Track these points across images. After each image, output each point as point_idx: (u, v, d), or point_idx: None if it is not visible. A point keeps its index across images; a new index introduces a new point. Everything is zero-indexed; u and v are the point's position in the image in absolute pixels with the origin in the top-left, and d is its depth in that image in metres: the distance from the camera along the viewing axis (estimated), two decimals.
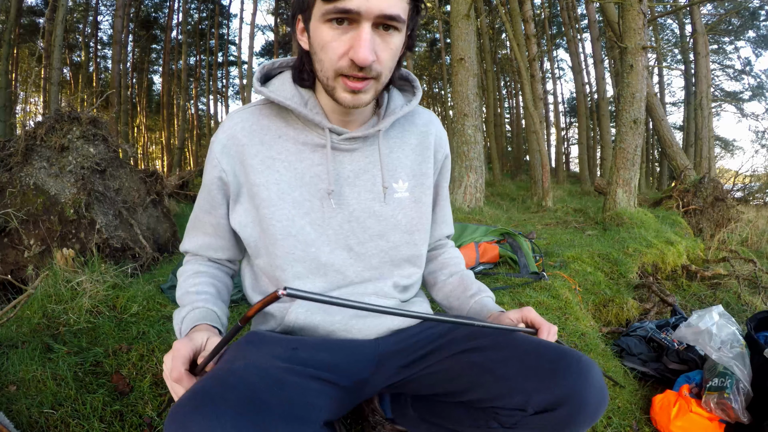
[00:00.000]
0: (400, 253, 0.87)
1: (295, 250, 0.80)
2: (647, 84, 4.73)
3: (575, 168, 18.90)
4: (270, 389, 0.59)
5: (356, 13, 0.64)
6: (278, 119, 0.82)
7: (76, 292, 1.68)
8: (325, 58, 0.69)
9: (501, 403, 0.74)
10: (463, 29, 5.27)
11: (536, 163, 7.86)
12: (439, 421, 0.88)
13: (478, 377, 0.76)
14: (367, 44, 0.65)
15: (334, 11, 0.65)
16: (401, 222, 0.86)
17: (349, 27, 0.66)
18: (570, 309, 1.97)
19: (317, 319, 0.82)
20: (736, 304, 2.75)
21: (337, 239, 0.83)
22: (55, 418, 1.06)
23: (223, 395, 0.55)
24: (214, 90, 20.65)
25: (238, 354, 0.70)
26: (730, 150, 18.68)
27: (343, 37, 0.67)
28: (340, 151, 0.82)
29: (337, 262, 0.83)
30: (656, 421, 1.47)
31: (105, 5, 16.36)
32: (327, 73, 0.71)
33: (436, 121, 0.94)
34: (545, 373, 0.70)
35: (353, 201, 0.83)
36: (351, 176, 0.83)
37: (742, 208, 5.64)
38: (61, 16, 7.71)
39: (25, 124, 8.75)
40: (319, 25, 0.68)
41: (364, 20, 0.65)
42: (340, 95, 0.72)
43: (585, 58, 14.65)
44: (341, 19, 0.66)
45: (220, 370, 0.62)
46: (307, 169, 0.81)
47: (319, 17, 0.67)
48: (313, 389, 0.67)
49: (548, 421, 0.69)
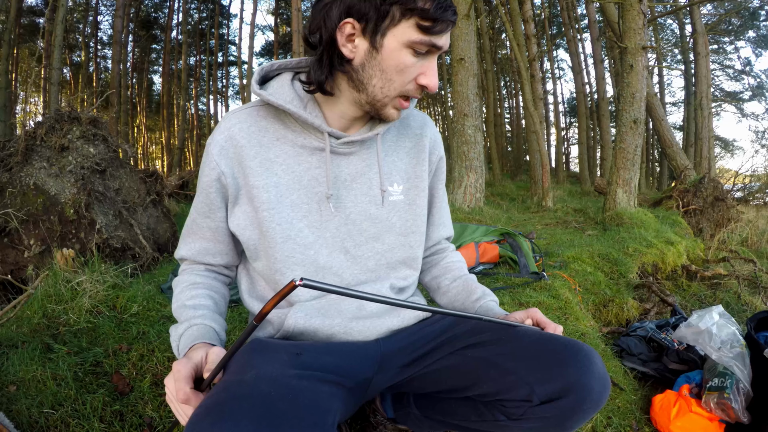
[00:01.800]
0: (395, 255, 0.88)
1: (294, 253, 0.80)
2: (647, 84, 4.74)
3: (575, 168, 18.90)
4: (284, 398, 0.58)
5: (438, 49, 0.72)
6: (276, 121, 0.82)
7: (76, 292, 1.68)
8: (398, 80, 0.73)
9: (507, 396, 0.75)
10: (463, 29, 5.27)
11: (536, 163, 7.87)
12: (444, 417, 0.88)
13: (483, 372, 0.77)
14: (436, 74, 0.74)
15: (428, 44, 0.70)
16: (396, 225, 0.87)
17: (423, 57, 0.73)
18: (570, 309, 1.97)
19: (316, 323, 0.81)
20: (736, 304, 2.75)
21: (334, 242, 0.83)
22: (55, 418, 1.06)
23: (239, 408, 0.54)
24: (214, 90, 20.66)
25: (245, 364, 0.69)
26: (730, 150, 18.69)
27: (418, 64, 0.73)
28: (338, 155, 0.83)
29: (335, 265, 0.83)
30: (656, 421, 1.47)
31: (105, 5, 16.38)
32: (391, 92, 0.74)
33: (430, 123, 0.95)
34: (549, 363, 0.72)
35: (350, 204, 0.84)
36: (348, 180, 0.84)
37: (742, 208, 5.64)
38: (61, 16, 7.71)
39: (25, 124, 8.76)
40: (402, 49, 0.70)
41: (437, 53, 0.73)
42: (388, 111, 0.77)
43: (585, 58, 14.66)
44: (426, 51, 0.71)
45: (230, 383, 0.61)
46: (305, 172, 0.81)
47: (404, 42, 0.70)
48: (325, 392, 0.67)
49: (554, 410, 0.70)
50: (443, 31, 0.70)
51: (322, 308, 0.84)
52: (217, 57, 20.39)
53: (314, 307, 0.83)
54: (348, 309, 0.85)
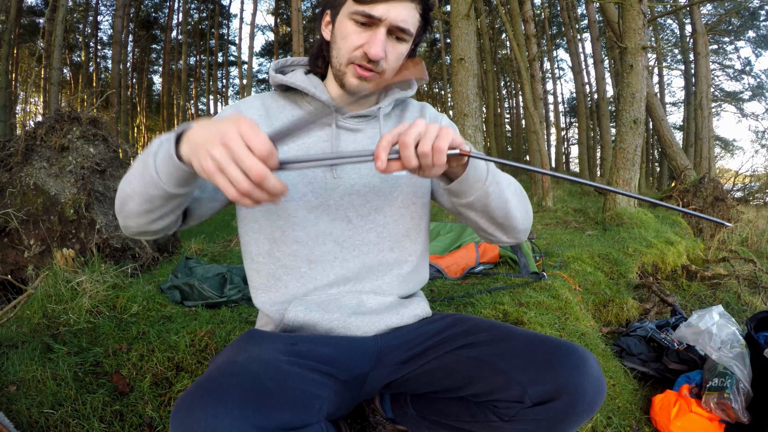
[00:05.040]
0: (397, 227, 0.90)
1: (297, 213, 0.83)
2: (647, 84, 4.74)
3: (575, 168, 18.92)
4: (272, 379, 0.60)
5: (377, 19, 0.77)
6: (290, 102, 0.92)
7: (76, 292, 1.67)
8: (344, 46, 0.80)
9: (499, 397, 0.75)
10: (463, 29, 5.26)
11: (536, 163, 7.87)
12: (438, 418, 0.89)
13: (476, 372, 0.78)
14: (380, 43, 0.78)
15: (362, 14, 0.77)
16: (398, 198, 0.90)
17: (369, 28, 0.79)
18: (570, 309, 1.97)
19: (315, 317, 0.83)
20: (736, 304, 2.75)
21: (337, 210, 0.86)
22: (55, 418, 1.06)
23: (227, 384, 0.56)
24: (214, 90, 20.66)
25: (239, 349, 0.71)
26: (730, 150, 18.70)
27: (362, 34, 0.79)
28: (345, 130, 0.89)
29: (336, 232, 0.86)
30: (656, 421, 1.47)
31: (105, 5, 16.39)
32: (341, 59, 0.82)
33: (430, 107, 1.01)
34: (541, 364, 0.71)
35: (354, 175, 0.87)
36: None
37: (742, 208, 5.64)
38: (61, 16, 7.71)
39: (25, 124, 8.75)
40: (345, 20, 0.80)
41: (381, 26, 0.78)
42: (348, 80, 0.82)
43: (585, 58, 14.67)
44: (365, 22, 0.78)
45: (222, 363, 0.63)
46: (314, 144, 0.87)
47: (347, 14, 0.79)
48: (315, 380, 0.68)
49: (546, 412, 0.70)
50: (377, 1, 0.76)
51: (322, 303, 0.85)
52: (217, 57, 20.40)
53: (314, 301, 0.85)
54: (348, 304, 0.86)
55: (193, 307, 1.80)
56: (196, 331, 1.47)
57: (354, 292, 0.87)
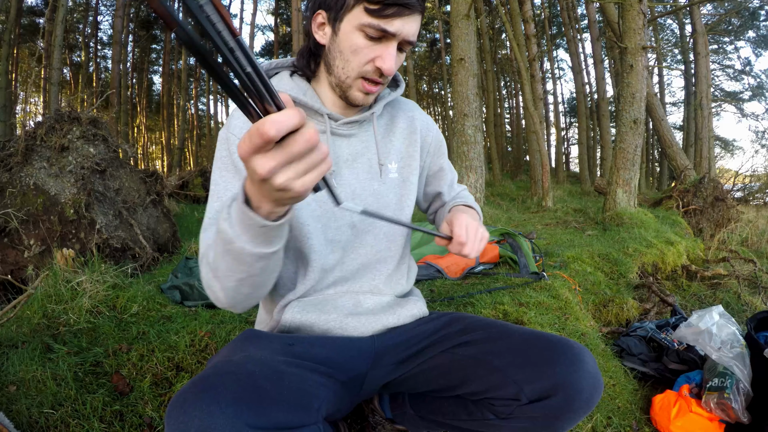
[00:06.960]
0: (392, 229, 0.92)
1: (309, 220, 0.83)
2: (647, 84, 4.73)
3: (575, 168, 18.91)
4: (269, 378, 0.60)
5: (392, 35, 0.74)
6: None
7: (76, 292, 1.68)
8: (354, 60, 0.77)
9: (495, 395, 0.75)
10: (463, 29, 5.26)
11: (536, 163, 7.87)
12: (436, 417, 0.89)
13: (472, 370, 0.78)
14: (393, 58, 0.76)
15: (376, 28, 0.73)
16: (392, 201, 0.91)
17: (379, 42, 0.76)
18: (570, 309, 1.97)
19: (312, 318, 0.83)
20: (736, 304, 2.75)
21: (342, 215, 0.86)
22: (55, 418, 1.06)
23: (222, 382, 0.56)
24: (214, 90, 20.65)
25: (236, 349, 0.72)
26: (730, 150, 18.69)
27: (374, 47, 0.76)
28: (338, 136, 0.87)
29: (343, 239, 0.87)
30: (656, 421, 1.47)
31: (105, 5, 16.37)
32: (350, 73, 0.78)
33: (418, 108, 1.01)
34: (537, 362, 0.72)
35: (353, 180, 0.87)
36: (350, 159, 0.88)
37: (742, 208, 5.64)
38: (61, 16, 7.71)
39: (25, 124, 8.74)
40: (354, 31, 0.75)
41: (394, 40, 0.76)
42: (354, 94, 0.81)
43: (585, 58, 14.66)
44: (377, 36, 0.74)
45: (219, 362, 0.63)
46: None
47: (356, 25, 0.74)
48: (311, 380, 0.68)
49: (543, 409, 0.70)
50: (393, 16, 0.72)
51: (319, 304, 0.85)
52: (218, 57, 20.35)
53: (311, 302, 0.85)
54: (344, 305, 0.86)
55: (193, 307, 1.81)
56: (196, 331, 1.47)
57: (351, 292, 0.88)
